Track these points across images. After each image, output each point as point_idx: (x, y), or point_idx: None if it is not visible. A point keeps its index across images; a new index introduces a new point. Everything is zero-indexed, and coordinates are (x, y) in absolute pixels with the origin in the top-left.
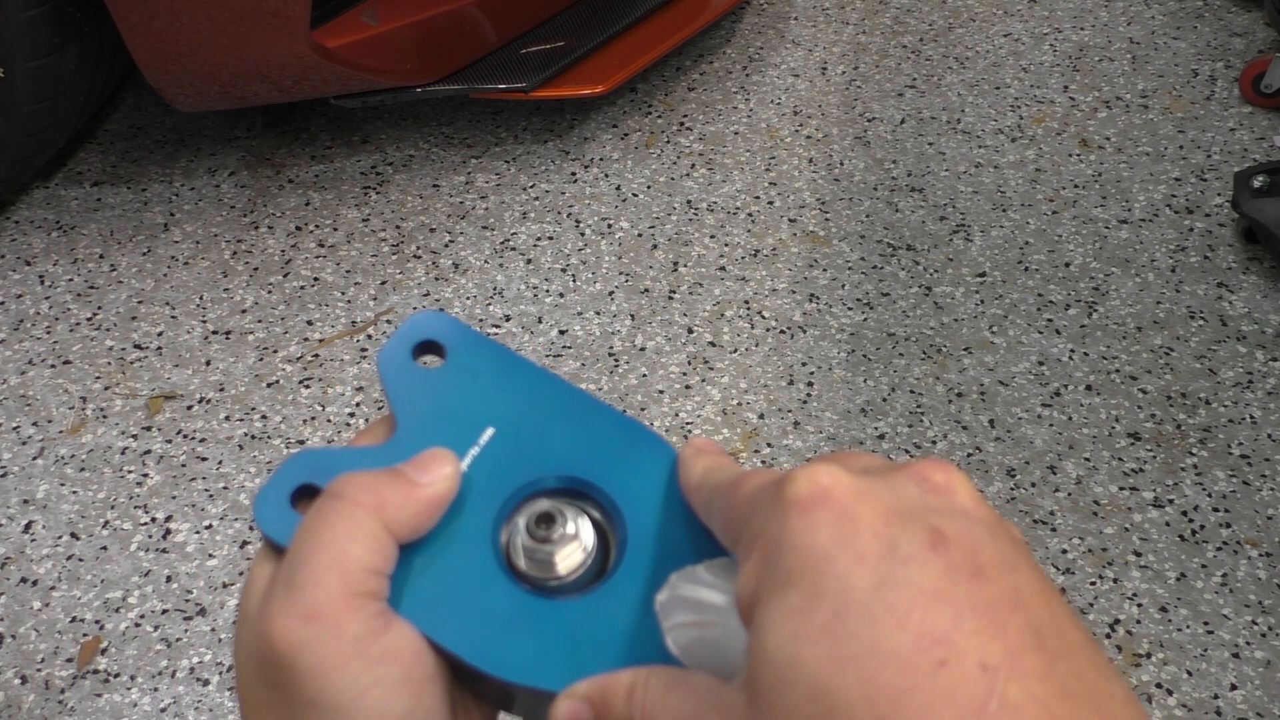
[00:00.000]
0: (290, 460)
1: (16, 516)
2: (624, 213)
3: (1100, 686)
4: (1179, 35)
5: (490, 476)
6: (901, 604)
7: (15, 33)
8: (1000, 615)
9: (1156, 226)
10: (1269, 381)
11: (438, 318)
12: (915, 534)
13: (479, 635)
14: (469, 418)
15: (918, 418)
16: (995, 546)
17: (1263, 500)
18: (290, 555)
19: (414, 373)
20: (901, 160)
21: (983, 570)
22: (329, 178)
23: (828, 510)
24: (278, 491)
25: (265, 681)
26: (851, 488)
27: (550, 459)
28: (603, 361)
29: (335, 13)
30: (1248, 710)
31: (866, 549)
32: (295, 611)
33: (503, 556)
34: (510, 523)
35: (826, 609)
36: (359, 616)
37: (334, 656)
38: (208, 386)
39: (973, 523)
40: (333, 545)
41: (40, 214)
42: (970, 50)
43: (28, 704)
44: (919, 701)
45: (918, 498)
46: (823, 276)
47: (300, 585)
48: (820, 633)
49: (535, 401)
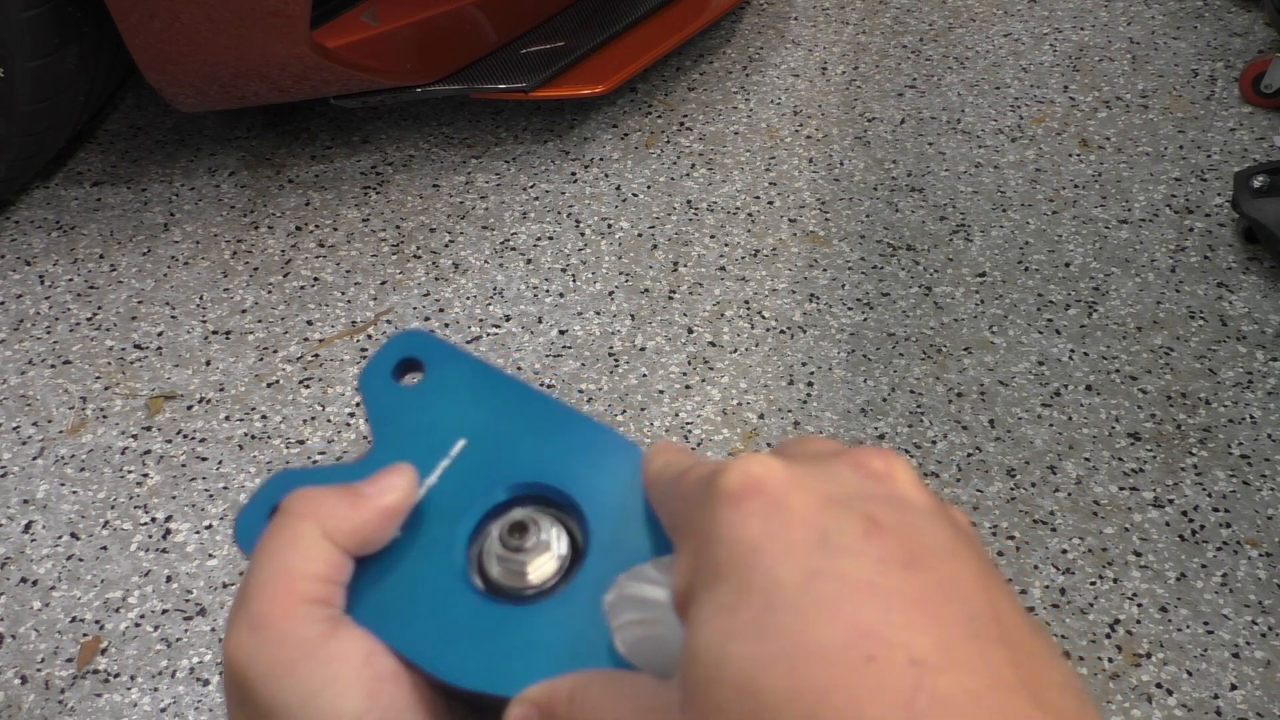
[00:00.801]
0: (269, 480)
1: (16, 516)
2: (624, 213)
3: (1039, 674)
4: (1179, 35)
5: (459, 487)
6: (830, 597)
7: (15, 33)
8: (933, 606)
9: (1156, 226)
10: (1269, 381)
11: (416, 335)
12: (848, 523)
13: (436, 642)
14: (441, 430)
15: (918, 418)
16: (933, 534)
17: (1263, 500)
18: (246, 572)
19: (391, 391)
20: (901, 160)
21: (917, 559)
22: (329, 178)
23: (758, 501)
24: (257, 511)
25: (234, 698)
26: (784, 477)
27: (518, 467)
28: (603, 361)
29: (335, 13)
30: (1248, 710)
31: (796, 540)
32: (244, 623)
33: (473, 566)
34: (483, 532)
35: (755, 604)
36: (304, 622)
37: (282, 662)
38: (208, 386)
39: (910, 510)
40: (275, 556)
41: (40, 214)
42: (970, 50)
43: (28, 704)
44: (845, 698)
45: (855, 485)
46: (823, 276)
47: (248, 598)
48: (748, 629)
49: (508, 412)
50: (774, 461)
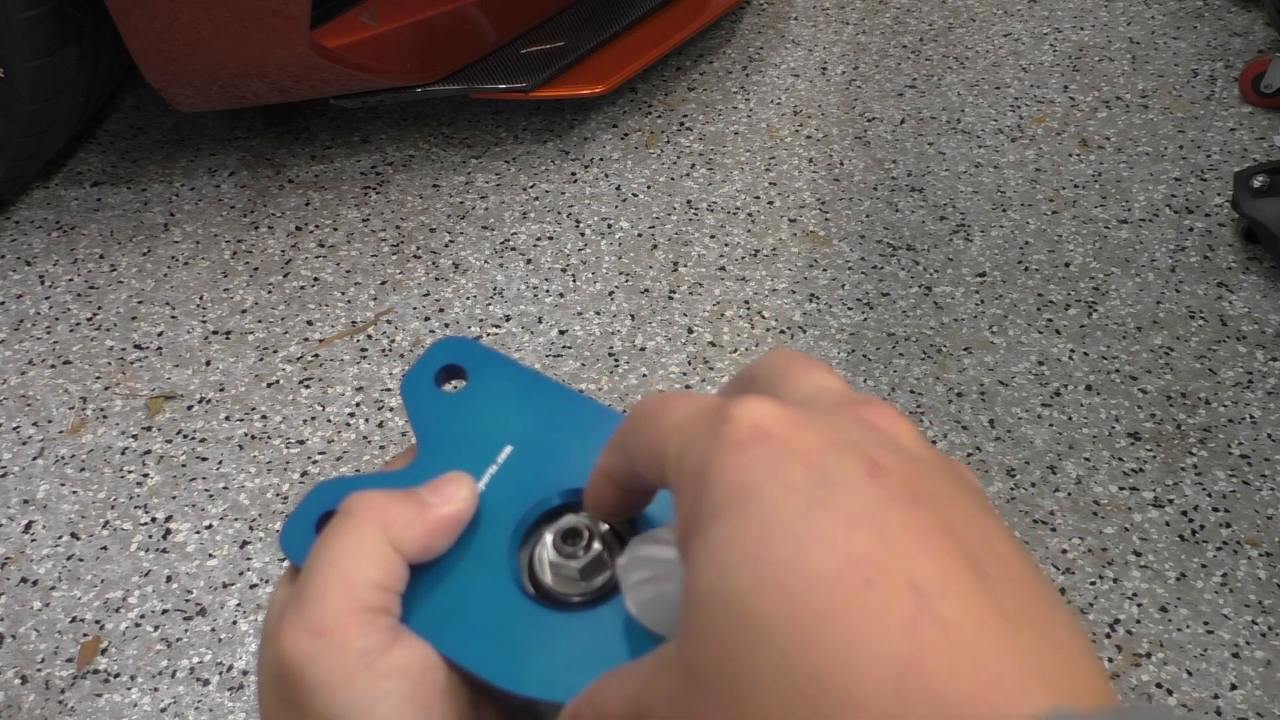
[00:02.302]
0: (315, 490)
1: (16, 516)
2: (624, 213)
3: (1044, 615)
4: (1179, 35)
5: (508, 494)
6: (828, 527)
7: (15, 33)
8: (933, 539)
9: (1156, 226)
10: (1269, 381)
11: (460, 342)
12: (850, 463)
13: (492, 650)
14: (487, 438)
15: (918, 418)
16: (935, 479)
17: (1263, 500)
18: (302, 573)
19: (435, 397)
20: (901, 160)
21: (919, 499)
22: (329, 178)
23: (764, 445)
24: (303, 519)
25: (280, 698)
26: (789, 421)
27: (567, 473)
28: (603, 361)
29: (335, 13)
30: (1248, 710)
31: (797, 478)
32: (302, 626)
33: (523, 573)
34: (533, 538)
35: (752, 536)
36: (365, 631)
37: (340, 671)
38: (208, 386)
39: (914, 459)
40: (338, 561)
41: (40, 214)
42: (970, 50)
43: (28, 704)
44: (846, 621)
45: (858, 432)
46: (823, 276)
47: (307, 601)
48: (746, 559)
49: (554, 418)
50: (777, 408)
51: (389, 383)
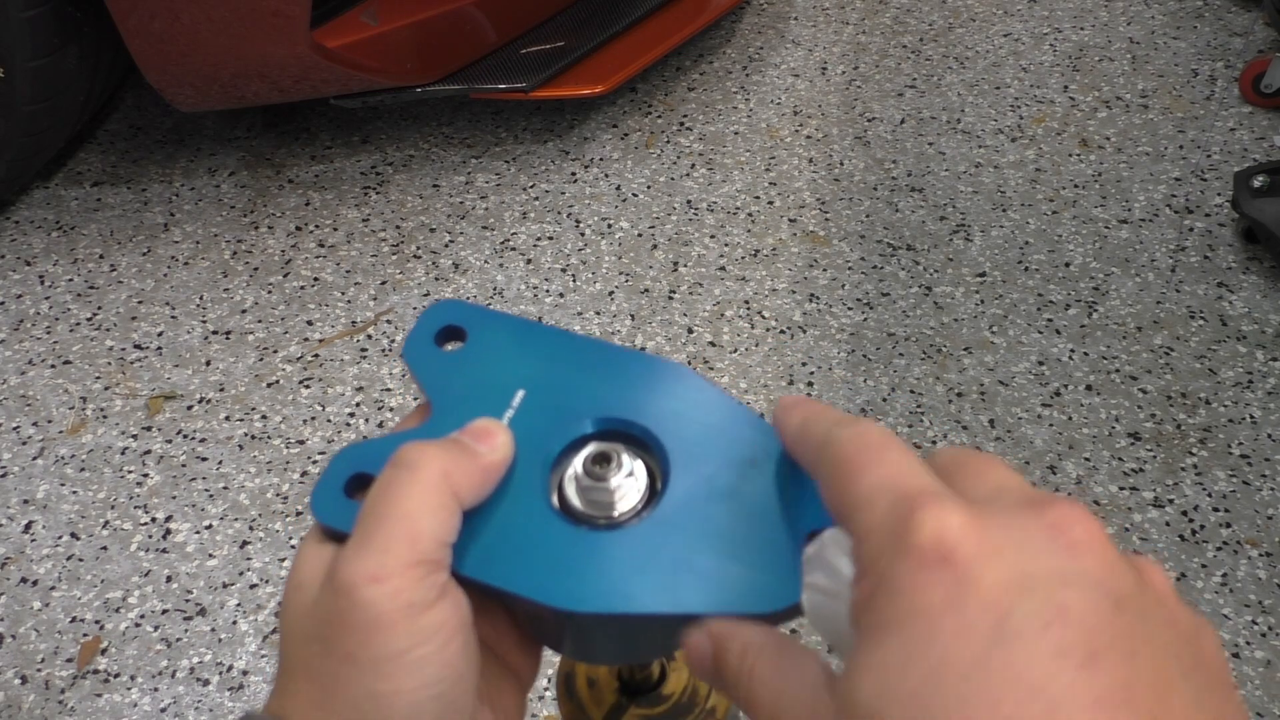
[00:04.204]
0: (340, 455)
1: (16, 516)
2: (624, 213)
3: None
4: (1179, 35)
5: (528, 433)
6: (995, 689)
7: (15, 33)
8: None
9: (1156, 226)
10: (1269, 381)
11: (452, 304)
12: (1033, 608)
13: (542, 574)
14: (498, 385)
15: (918, 418)
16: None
17: (1263, 500)
18: (364, 519)
19: (439, 357)
20: (901, 160)
21: (1096, 657)
22: (329, 178)
23: (948, 571)
24: (332, 483)
25: (313, 636)
26: (977, 546)
27: (582, 405)
28: None
29: (335, 13)
30: (1248, 710)
31: (974, 620)
32: (362, 571)
33: (554, 502)
34: (559, 469)
35: (919, 675)
36: (420, 585)
37: (386, 616)
38: (208, 386)
39: (1101, 594)
40: (407, 514)
41: (40, 214)
42: (970, 50)
43: (28, 704)
44: None
45: (1048, 559)
46: (823, 276)
47: (372, 549)
48: (909, 698)
49: (556, 358)
50: (968, 523)
51: (389, 383)
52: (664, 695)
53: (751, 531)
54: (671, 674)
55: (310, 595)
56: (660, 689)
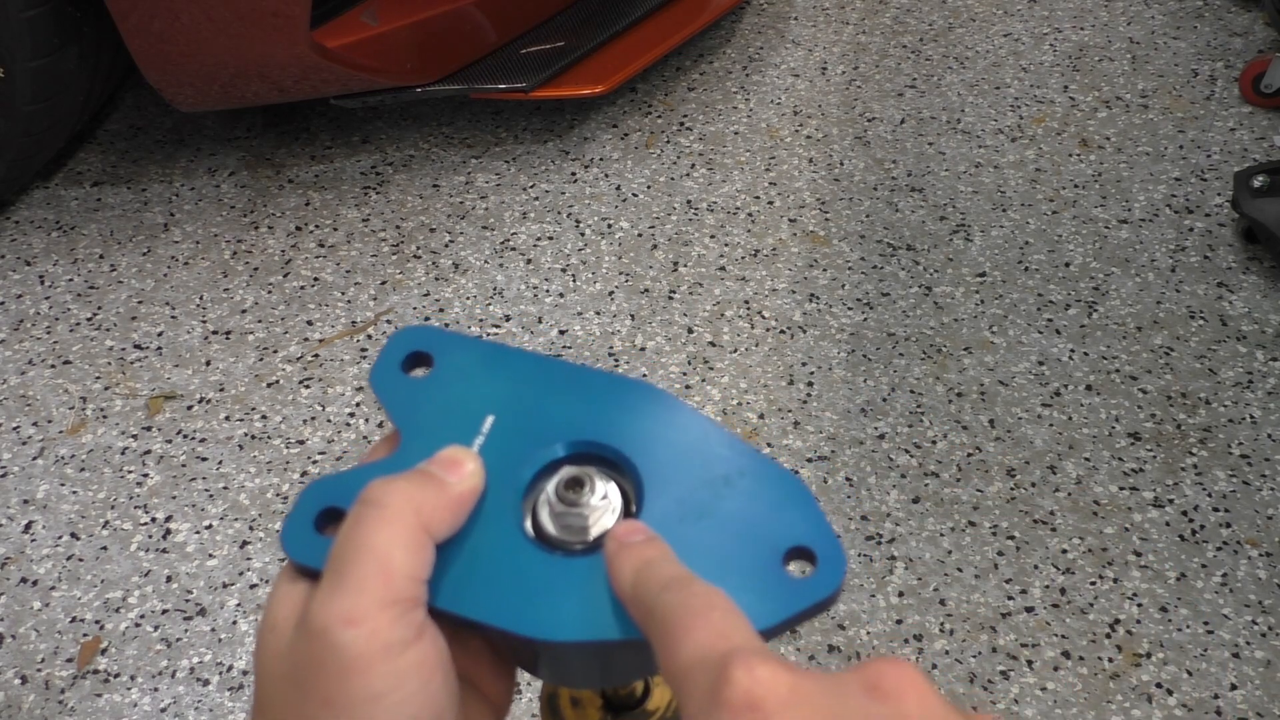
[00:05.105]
0: (309, 488)
1: (16, 516)
2: (624, 213)
3: None
4: (1179, 35)
5: (500, 459)
6: None
7: (15, 33)
8: None
9: (1156, 226)
10: (1269, 381)
11: (418, 329)
12: None
13: (516, 604)
14: (467, 411)
15: (918, 418)
16: None
17: (1263, 500)
18: (335, 559)
19: (406, 384)
20: (901, 160)
21: None
22: (329, 178)
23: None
24: (302, 518)
25: (289, 678)
26: (788, 694)
27: (552, 429)
28: (603, 361)
29: (335, 13)
30: (1248, 710)
31: None
32: (338, 612)
33: (528, 529)
34: (532, 495)
35: None
36: (397, 625)
37: (363, 659)
38: (208, 386)
39: None
40: (377, 552)
41: (40, 214)
42: (970, 50)
43: (28, 704)
44: None
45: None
46: (823, 276)
47: (346, 589)
48: None
49: (525, 381)
50: (780, 678)
51: None
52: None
53: (728, 550)
54: (655, 689)
55: (284, 638)
56: (645, 704)
